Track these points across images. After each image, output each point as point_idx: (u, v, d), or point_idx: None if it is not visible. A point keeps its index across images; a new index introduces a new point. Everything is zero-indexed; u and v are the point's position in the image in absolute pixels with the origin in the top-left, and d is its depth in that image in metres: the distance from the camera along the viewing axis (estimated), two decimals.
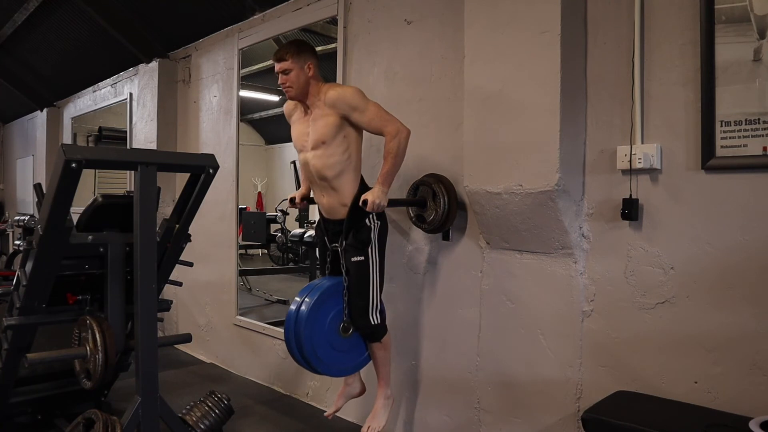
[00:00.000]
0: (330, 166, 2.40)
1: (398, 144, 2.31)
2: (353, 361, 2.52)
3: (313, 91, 2.43)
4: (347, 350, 2.48)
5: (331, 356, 2.43)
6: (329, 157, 2.39)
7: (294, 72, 2.40)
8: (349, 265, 2.41)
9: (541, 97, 2.14)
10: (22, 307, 2.43)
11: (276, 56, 2.45)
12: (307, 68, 2.41)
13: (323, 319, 2.39)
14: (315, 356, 2.37)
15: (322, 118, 2.40)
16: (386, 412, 2.57)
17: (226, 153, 4.21)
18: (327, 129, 2.38)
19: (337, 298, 2.43)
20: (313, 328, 2.35)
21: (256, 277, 6.61)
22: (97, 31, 5.04)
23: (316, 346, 2.37)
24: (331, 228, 2.51)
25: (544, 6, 2.12)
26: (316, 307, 2.36)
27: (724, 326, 1.88)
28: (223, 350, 4.33)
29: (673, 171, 1.99)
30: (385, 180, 2.34)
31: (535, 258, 2.36)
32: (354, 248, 2.40)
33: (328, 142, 2.38)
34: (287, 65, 2.40)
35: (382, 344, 2.50)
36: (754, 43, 1.80)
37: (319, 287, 2.42)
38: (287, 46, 2.45)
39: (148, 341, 2.33)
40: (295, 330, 2.36)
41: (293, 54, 2.40)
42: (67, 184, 2.11)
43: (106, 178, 7.17)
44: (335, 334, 2.42)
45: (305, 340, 2.34)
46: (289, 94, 2.46)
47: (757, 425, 1.57)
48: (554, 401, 2.31)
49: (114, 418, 2.27)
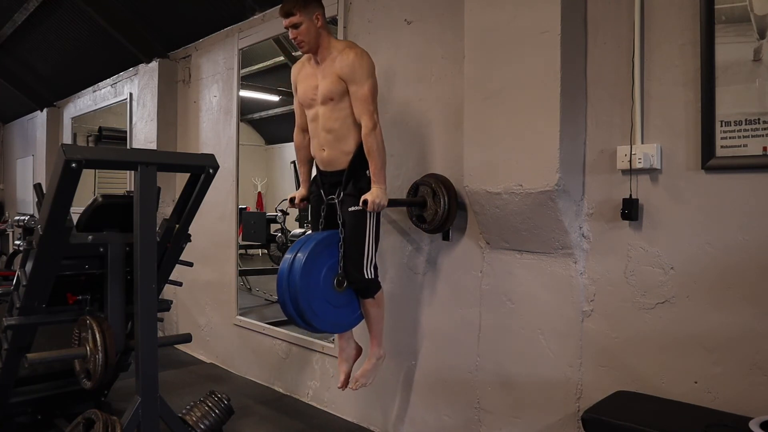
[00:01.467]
0: (339, 119, 2.39)
1: (375, 141, 2.33)
2: (348, 317, 2.48)
3: (324, 43, 2.40)
4: (342, 305, 2.43)
5: (325, 310, 2.37)
6: (340, 111, 2.39)
7: (304, 25, 2.35)
8: (345, 215, 2.40)
9: (541, 96, 2.14)
10: (22, 307, 2.43)
11: (283, 11, 2.37)
12: (315, 19, 2.36)
13: (318, 271, 2.34)
14: (310, 309, 2.31)
15: (329, 77, 2.38)
16: (376, 370, 2.56)
17: (226, 153, 4.21)
18: (334, 88, 2.37)
19: (332, 250, 2.38)
20: (308, 280, 2.30)
21: (256, 277, 6.61)
22: (97, 31, 5.04)
23: (311, 299, 2.31)
24: (328, 180, 2.49)
25: (544, 6, 2.12)
26: (311, 259, 2.31)
27: (724, 326, 1.88)
28: (223, 350, 4.33)
29: (673, 171, 1.99)
30: (379, 178, 2.34)
31: (535, 258, 2.36)
32: (352, 197, 2.39)
33: (336, 99, 2.38)
34: (296, 19, 2.34)
35: (375, 300, 2.48)
36: (754, 43, 1.80)
37: (314, 238, 2.38)
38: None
39: (148, 341, 2.33)
40: (289, 282, 2.30)
41: (300, 6, 2.34)
42: (67, 184, 2.11)
43: (106, 178, 7.17)
44: (330, 288, 2.37)
45: (301, 292, 2.27)
46: (303, 48, 2.42)
47: (757, 425, 1.57)
48: (554, 401, 2.31)
49: (114, 418, 2.27)
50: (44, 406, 2.97)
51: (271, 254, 8.10)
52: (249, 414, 3.33)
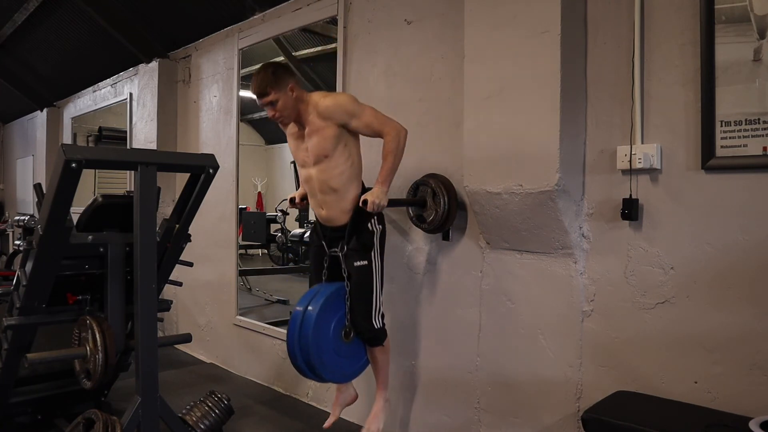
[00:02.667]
0: (336, 177, 2.36)
1: (397, 144, 2.30)
2: (354, 366, 2.52)
3: (302, 108, 2.35)
4: (349, 355, 2.47)
5: (335, 362, 2.41)
6: (334, 169, 2.35)
7: (281, 101, 2.29)
8: (351, 269, 2.39)
9: (541, 96, 2.14)
10: (22, 307, 2.43)
11: (256, 91, 2.31)
12: (290, 91, 2.30)
13: (327, 325, 2.37)
14: (321, 362, 2.35)
15: (319, 132, 2.33)
16: (384, 414, 2.57)
17: (226, 153, 4.21)
18: (327, 142, 2.32)
19: (339, 303, 2.41)
20: (319, 334, 2.33)
21: (256, 277, 6.61)
22: (97, 31, 5.03)
23: (322, 353, 2.34)
24: (330, 234, 2.48)
25: (544, 6, 2.12)
26: (322, 313, 2.33)
27: (724, 326, 1.88)
28: (223, 350, 4.33)
29: (673, 171, 1.99)
30: (385, 180, 2.33)
31: (535, 258, 2.36)
32: (357, 252, 2.38)
33: (330, 155, 2.33)
34: (272, 97, 2.28)
35: (384, 348, 2.50)
36: (754, 43, 1.80)
37: (323, 293, 2.39)
38: (262, 77, 2.29)
39: (148, 341, 2.33)
40: (300, 336, 2.33)
41: (272, 83, 2.27)
42: (67, 184, 2.11)
43: (106, 178, 7.17)
44: (338, 340, 2.40)
45: (312, 346, 2.31)
46: (284, 122, 2.38)
47: (757, 425, 1.57)
48: (554, 401, 2.31)
49: (114, 418, 2.27)
50: (44, 406, 2.96)
51: (271, 254, 8.11)
52: (249, 414, 3.33)
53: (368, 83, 3.08)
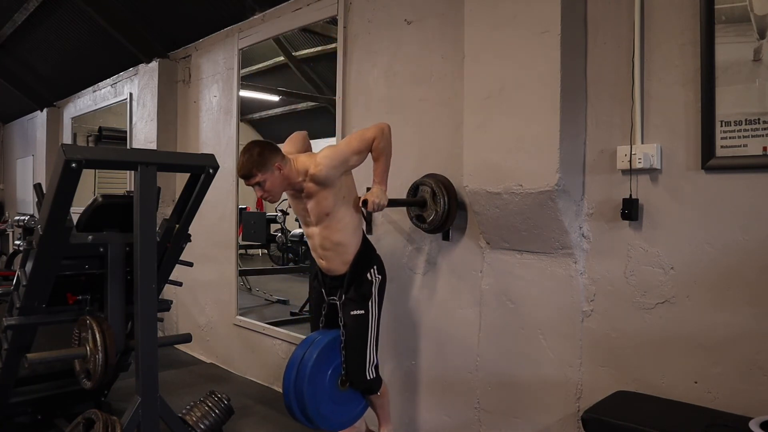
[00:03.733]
0: (339, 231, 2.36)
1: (386, 142, 2.33)
2: (351, 412, 2.52)
3: (293, 177, 2.31)
4: (346, 402, 2.48)
5: (332, 411, 2.42)
6: (337, 224, 2.35)
7: (268, 182, 2.26)
8: (347, 319, 2.40)
9: (541, 96, 2.14)
10: (22, 307, 2.43)
11: (241, 174, 2.28)
12: (276, 169, 2.26)
13: (323, 375, 2.38)
14: (318, 413, 2.35)
15: (317, 194, 2.31)
16: None
17: (226, 153, 4.21)
18: (327, 202, 2.32)
19: (335, 353, 2.41)
20: (315, 385, 2.34)
21: (256, 277, 6.61)
22: (97, 31, 5.03)
23: (319, 403, 2.35)
24: (329, 282, 2.48)
25: (544, 6, 2.12)
26: (317, 364, 2.34)
27: (724, 326, 1.88)
28: (223, 350, 4.33)
29: (673, 171, 1.99)
30: (382, 179, 2.34)
31: (535, 258, 2.36)
32: (354, 302, 2.39)
33: (331, 212, 2.34)
34: (259, 178, 2.25)
35: (379, 395, 2.51)
36: (754, 43, 1.80)
37: (318, 343, 2.39)
38: (247, 159, 2.24)
39: (148, 341, 2.33)
40: (296, 387, 2.33)
41: (259, 166, 2.23)
42: (67, 184, 2.11)
43: (106, 178, 7.18)
44: (335, 388, 2.42)
45: (308, 397, 2.31)
46: (273, 200, 2.35)
47: (757, 425, 1.57)
48: (554, 401, 2.31)
49: (114, 418, 2.27)
50: (44, 406, 2.97)
51: (271, 254, 8.11)
52: (249, 414, 3.33)
53: (368, 83, 3.08)
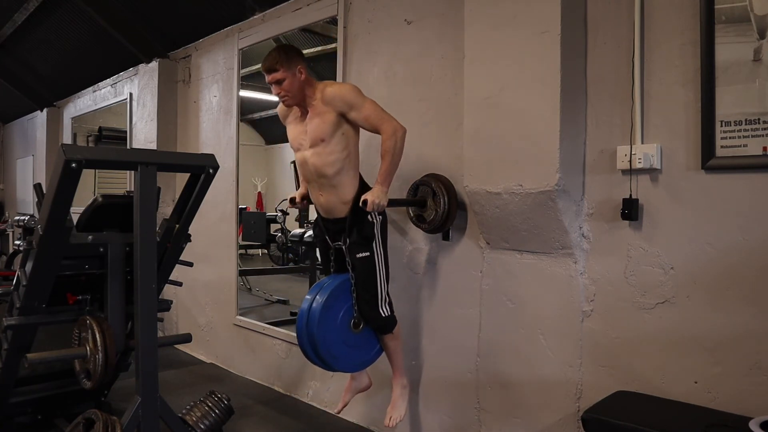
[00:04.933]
0: (330, 164, 2.38)
1: (395, 142, 2.30)
2: (366, 355, 2.55)
3: (309, 93, 2.40)
4: (360, 345, 2.50)
5: (345, 353, 2.45)
6: (329, 155, 2.37)
7: (287, 80, 2.35)
8: (354, 261, 2.42)
9: (541, 96, 2.14)
10: (22, 307, 2.43)
11: (265, 67, 2.38)
12: (298, 72, 2.36)
13: (334, 317, 2.41)
14: (330, 354, 2.40)
15: (319, 116, 2.38)
16: (405, 400, 2.59)
17: (226, 153, 4.21)
18: (325, 126, 2.36)
19: (345, 295, 2.45)
20: (325, 327, 2.37)
21: (256, 277, 6.61)
22: (97, 31, 5.03)
23: (330, 345, 2.39)
24: (332, 227, 2.51)
25: (544, 6, 2.12)
26: (327, 306, 2.38)
27: (724, 326, 1.88)
28: (223, 350, 4.33)
29: (673, 171, 1.99)
30: (385, 179, 2.33)
31: (535, 258, 2.36)
32: (358, 245, 2.41)
33: (327, 139, 2.36)
34: (279, 75, 2.35)
35: (394, 335, 2.52)
36: (754, 43, 1.80)
37: (328, 286, 2.43)
38: (275, 55, 2.37)
39: (148, 341, 2.33)
40: (308, 331, 2.37)
41: (283, 62, 2.34)
42: (67, 184, 2.11)
43: (106, 178, 7.17)
44: (347, 331, 2.45)
45: (319, 339, 2.35)
46: (287, 102, 2.43)
47: (757, 425, 1.57)
48: (554, 401, 2.31)
49: (114, 418, 2.27)
50: (44, 406, 2.97)
51: (271, 254, 8.10)
52: (249, 414, 3.33)
53: (368, 83, 3.07)
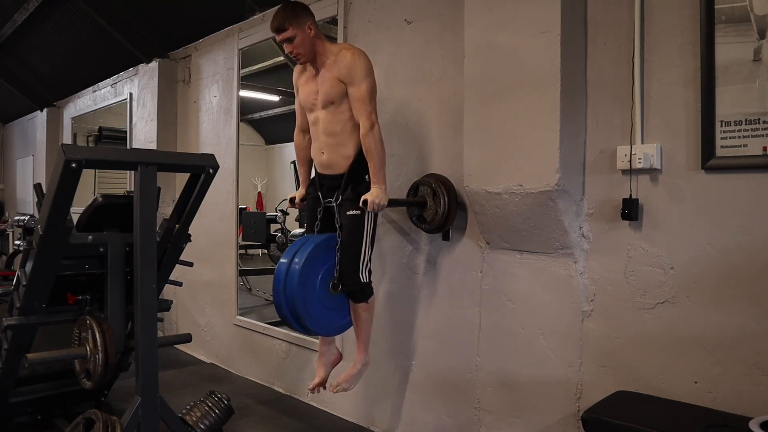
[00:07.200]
0: (340, 123, 2.40)
1: (373, 141, 2.34)
2: (339, 321, 2.50)
3: (320, 50, 2.41)
4: (335, 308, 2.45)
5: (321, 313, 2.39)
6: (341, 114, 2.40)
7: (298, 37, 2.36)
8: (343, 219, 2.41)
9: (541, 96, 2.14)
10: (22, 307, 2.43)
11: (274, 27, 2.38)
12: (308, 29, 2.37)
13: (315, 274, 2.36)
14: (307, 313, 2.34)
15: (329, 79, 2.39)
16: (360, 376, 2.56)
17: (226, 153, 4.21)
18: (333, 91, 2.38)
19: (328, 253, 2.40)
20: (305, 282, 2.32)
21: (256, 277, 6.60)
22: (97, 32, 5.03)
23: (308, 301, 2.33)
24: (327, 183, 2.50)
25: (544, 6, 2.12)
26: (308, 263, 2.33)
27: (724, 326, 1.88)
28: (223, 350, 4.33)
29: (673, 171, 1.99)
30: (378, 178, 2.35)
31: (535, 258, 2.36)
32: (351, 202, 2.40)
33: (336, 102, 2.39)
34: (289, 33, 2.35)
35: (368, 305, 2.49)
36: (754, 43, 1.80)
37: (311, 242, 2.39)
38: (282, 13, 2.37)
39: (148, 341, 2.33)
40: (286, 285, 2.31)
41: (291, 19, 2.35)
42: (67, 184, 2.11)
43: (106, 178, 7.17)
44: (325, 291, 2.40)
45: (298, 294, 2.29)
46: (300, 60, 2.44)
47: (757, 425, 1.57)
48: (554, 401, 2.31)
49: (114, 418, 2.27)
50: (44, 406, 2.97)
51: (271, 254, 8.10)
52: (249, 414, 3.33)
53: None
